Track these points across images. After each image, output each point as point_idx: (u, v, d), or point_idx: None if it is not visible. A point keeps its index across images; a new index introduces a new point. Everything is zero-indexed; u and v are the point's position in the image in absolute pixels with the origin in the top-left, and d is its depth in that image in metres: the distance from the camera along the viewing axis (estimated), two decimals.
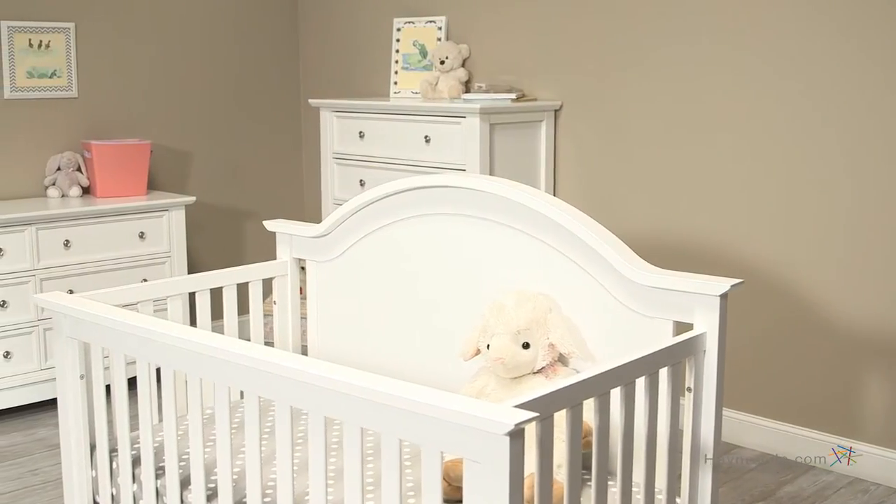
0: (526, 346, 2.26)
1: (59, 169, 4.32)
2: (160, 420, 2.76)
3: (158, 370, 3.20)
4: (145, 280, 4.23)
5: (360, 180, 4.27)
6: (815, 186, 3.37)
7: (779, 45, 3.39)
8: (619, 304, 2.25)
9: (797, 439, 3.50)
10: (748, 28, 3.46)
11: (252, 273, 2.84)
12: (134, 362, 2.74)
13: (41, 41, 4.25)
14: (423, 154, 4.00)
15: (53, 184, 4.31)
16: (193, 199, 4.33)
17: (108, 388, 2.40)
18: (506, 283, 2.45)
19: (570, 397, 1.78)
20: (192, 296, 3.58)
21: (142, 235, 4.20)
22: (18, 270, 3.89)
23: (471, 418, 1.61)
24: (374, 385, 1.75)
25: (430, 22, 4.44)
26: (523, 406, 1.67)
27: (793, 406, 3.52)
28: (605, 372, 1.85)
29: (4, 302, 3.86)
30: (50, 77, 4.29)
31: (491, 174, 3.85)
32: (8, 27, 4.15)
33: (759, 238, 3.52)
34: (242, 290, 4.29)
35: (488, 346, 2.30)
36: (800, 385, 3.50)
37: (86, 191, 4.37)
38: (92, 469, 2.47)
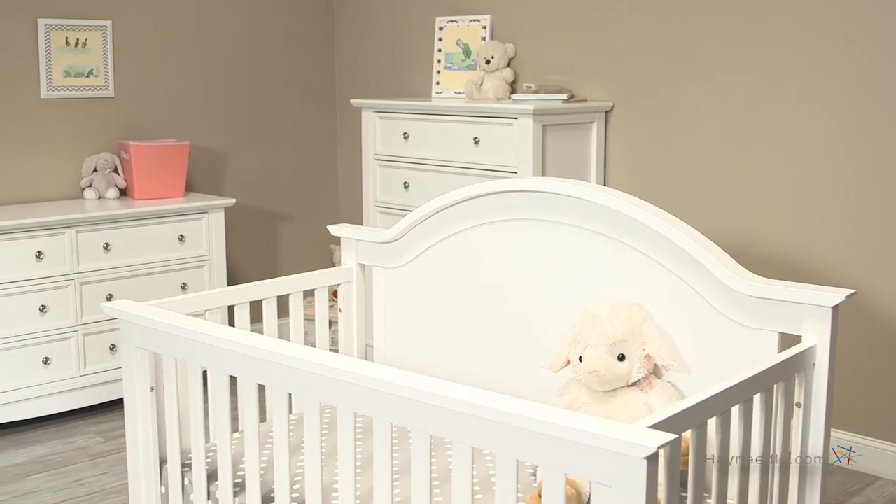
0: (621, 358, 2.17)
1: (95, 170, 4.23)
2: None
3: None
4: (185, 285, 4.13)
5: (405, 182, 4.17)
6: (874, 191, 3.28)
7: (851, 40, 3.30)
8: (718, 315, 2.16)
9: (868, 451, 3.41)
10: (811, 23, 3.37)
11: (317, 280, 2.74)
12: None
13: (78, 39, 4.15)
14: (472, 156, 3.90)
15: (90, 185, 4.21)
16: (233, 201, 4.24)
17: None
18: (593, 292, 2.35)
19: (696, 416, 1.68)
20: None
21: (181, 238, 4.11)
22: (58, 274, 3.80)
23: (605, 440, 1.51)
24: (490, 403, 1.65)
25: (475, 21, 4.34)
26: (654, 427, 1.58)
27: (856, 416, 3.43)
28: (728, 389, 1.76)
29: (44, 307, 3.77)
30: (87, 76, 4.19)
31: (543, 177, 3.76)
32: (45, 25, 4.05)
33: (820, 241, 3.42)
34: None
35: (580, 357, 2.20)
36: (864, 394, 3.41)
37: (122, 192, 4.27)
38: (161, 485, 2.37)
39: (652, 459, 1.49)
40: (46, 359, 3.79)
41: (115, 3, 4.25)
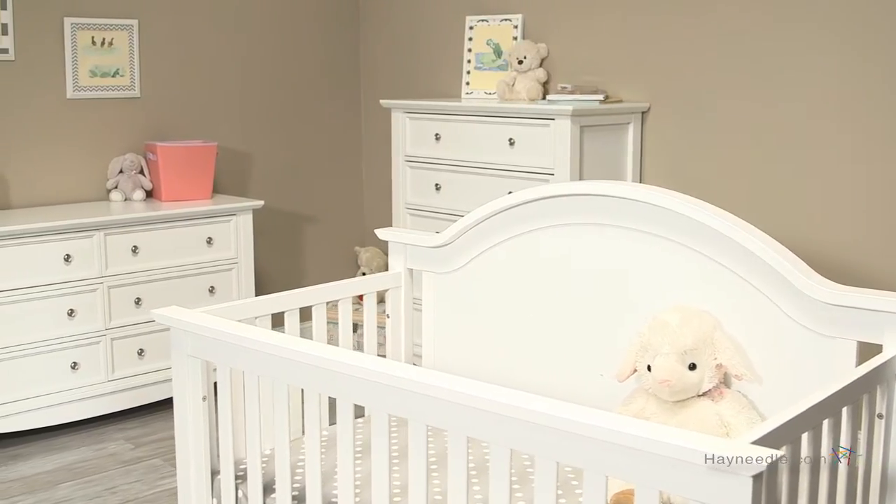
0: (692, 367, 2.11)
1: (121, 171, 4.16)
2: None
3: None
4: (213, 288, 4.06)
5: (436, 184, 4.11)
6: None
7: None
8: (791, 322, 2.10)
9: None
10: (854, 18, 3.31)
11: (367, 285, 2.68)
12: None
13: (104, 39, 4.09)
14: (507, 157, 3.84)
15: (116, 187, 4.15)
16: (262, 202, 4.17)
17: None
18: (659, 299, 2.29)
19: (791, 431, 1.62)
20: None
21: (209, 241, 4.04)
22: (86, 278, 3.73)
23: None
24: (579, 417, 1.59)
25: (506, 20, 4.28)
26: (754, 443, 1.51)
27: None
28: (819, 403, 1.70)
29: (72, 311, 3.70)
30: (112, 76, 4.12)
31: (580, 179, 3.70)
32: (72, 24, 3.99)
33: (869, 243, 3.36)
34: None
35: (649, 366, 2.14)
36: None
37: (148, 194, 4.20)
38: (213, 497, 2.31)
39: (758, 478, 1.43)
40: (75, 364, 3.73)
41: (141, 2, 4.18)
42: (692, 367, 2.11)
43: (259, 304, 2.44)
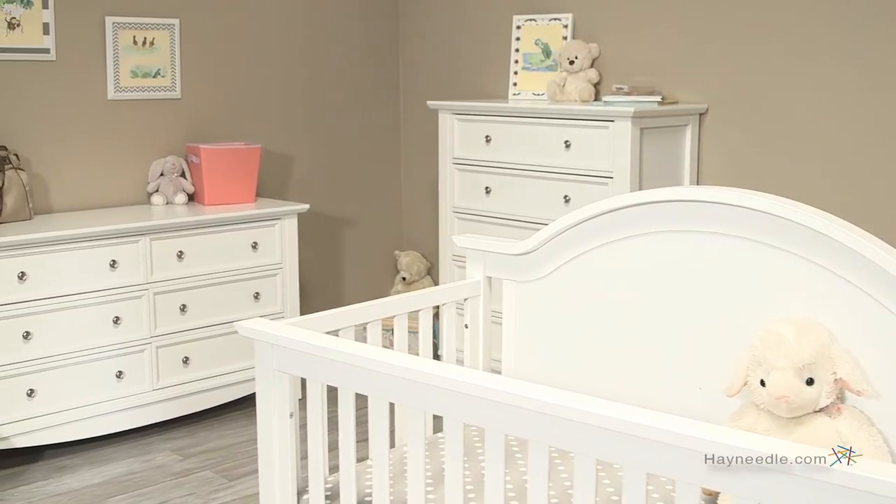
0: (810, 382, 2.01)
1: (162, 174, 4.06)
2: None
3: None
4: (258, 294, 3.96)
5: (486, 188, 4.01)
6: None
7: None
8: None
9: None
10: None
11: (446, 294, 2.58)
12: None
13: (145, 38, 3.98)
14: (562, 160, 3.74)
15: (157, 190, 4.04)
16: (307, 206, 4.07)
17: None
18: (763, 310, 2.19)
19: None
20: None
21: (254, 246, 3.94)
22: (132, 284, 3.63)
23: (870, 481, 1.36)
24: (720, 438, 1.50)
25: (555, 20, 4.19)
26: None
27: None
28: None
29: (118, 318, 3.60)
30: (154, 76, 4.02)
31: (640, 183, 3.60)
32: (113, 23, 3.88)
33: None
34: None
35: (762, 381, 2.04)
36: None
37: (190, 197, 4.09)
38: None
39: None
40: (120, 373, 3.62)
41: (182, 1, 4.08)
42: (810, 382, 2.01)
43: (341, 316, 2.34)
